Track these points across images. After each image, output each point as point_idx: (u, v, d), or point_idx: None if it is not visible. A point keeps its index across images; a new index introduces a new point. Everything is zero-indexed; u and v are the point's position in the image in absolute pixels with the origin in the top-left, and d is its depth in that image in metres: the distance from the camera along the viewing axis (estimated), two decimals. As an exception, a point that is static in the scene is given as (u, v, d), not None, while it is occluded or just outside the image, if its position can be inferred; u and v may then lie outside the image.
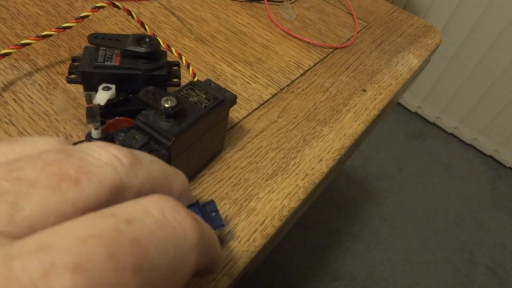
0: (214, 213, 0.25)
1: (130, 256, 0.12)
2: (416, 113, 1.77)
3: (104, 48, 0.31)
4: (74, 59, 0.33)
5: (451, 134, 1.71)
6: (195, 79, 0.39)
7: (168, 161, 0.27)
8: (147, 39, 0.31)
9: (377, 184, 1.50)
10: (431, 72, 1.59)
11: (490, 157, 1.65)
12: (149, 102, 0.26)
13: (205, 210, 0.25)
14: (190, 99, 0.29)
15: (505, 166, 1.63)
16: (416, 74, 0.51)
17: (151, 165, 0.17)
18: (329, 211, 1.39)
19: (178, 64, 0.35)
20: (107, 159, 0.15)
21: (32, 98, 0.35)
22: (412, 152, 1.64)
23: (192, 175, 0.33)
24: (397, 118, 1.75)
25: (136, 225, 0.13)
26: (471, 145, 1.68)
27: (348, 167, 1.54)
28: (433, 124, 1.74)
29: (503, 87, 1.46)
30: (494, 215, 1.48)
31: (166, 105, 0.26)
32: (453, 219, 1.45)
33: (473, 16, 1.39)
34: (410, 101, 1.74)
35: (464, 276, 1.30)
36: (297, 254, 1.26)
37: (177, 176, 0.19)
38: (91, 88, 0.31)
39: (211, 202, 0.25)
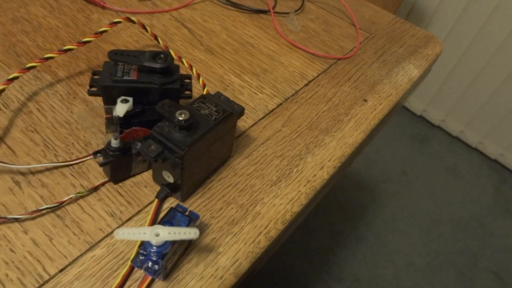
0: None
1: None
2: (421, 116, 1.78)
3: (123, 64, 0.34)
4: (94, 73, 0.35)
5: (456, 138, 1.71)
6: (205, 89, 0.42)
7: (181, 169, 0.29)
8: (162, 55, 0.34)
9: (381, 187, 1.52)
10: (437, 75, 1.60)
11: (495, 161, 1.65)
12: (164, 115, 0.29)
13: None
14: (201, 112, 0.31)
15: (510, 170, 1.63)
16: (416, 84, 0.53)
17: None
18: (333, 213, 1.41)
19: (189, 77, 0.38)
20: None
21: (54, 108, 0.38)
22: (417, 155, 1.65)
23: (202, 181, 0.35)
24: (402, 121, 1.77)
25: None
26: (476, 149, 1.68)
27: (352, 170, 1.55)
28: (438, 127, 1.75)
29: (509, 91, 1.46)
30: (498, 219, 1.48)
31: (180, 118, 0.29)
32: (457, 223, 1.46)
33: (479, 20, 1.40)
34: (415, 104, 1.75)
35: (467, 279, 1.31)
36: (300, 255, 1.28)
37: None
38: (110, 99, 0.34)
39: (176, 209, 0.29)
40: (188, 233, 0.26)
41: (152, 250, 0.26)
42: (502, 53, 1.42)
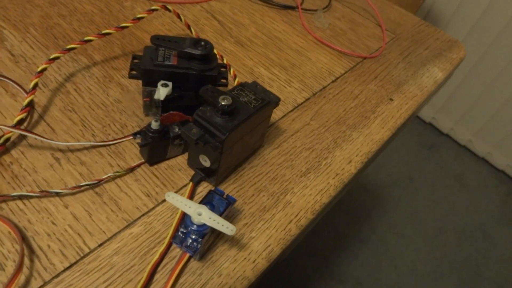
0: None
1: None
2: (430, 124, 1.78)
3: (163, 49, 0.35)
4: (134, 57, 0.36)
5: (464, 147, 1.71)
6: (236, 80, 0.43)
7: (220, 152, 0.30)
8: (202, 43, 0.34)
9: (387, 192, 1.52)
10: (448, 83, 1.60)
11: (503, 172, 1.65)
12: (208, 99, 0.30)
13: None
14: (241, 99, 0.32)
15: (516, 182, 1.63)
16: (439, 87, 0.54)
17: None
18: (338, 215, 1.41)
19: (225, 66, 0.38)
20: None
21: (90, 89, 0.39)
22: (424, 162, 1.65)
23: (234, 168, 0.36)
24: (411, 127, 1.77)
25: None
26: (483, 159, 1.68)
27: (359, 173, 1.56)
28: (447, 135, 1.75)
29: (520, 103, 1.47)
30: (503, 230, 1.48)
31: (223, 103, 0.29)
32: (462, 232, 1.46)
33: (494, 30, 1.40)
34: (424, 111, 1.75)
35: (469, 288, 1.31)
36: (303, 256, 1.28)
37: None
38: (149, 84, 0.34)
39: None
40: (226, 227, 0.26)
41: (193, 229, 0.27)
42: (516, 64, 1.42)
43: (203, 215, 0.26)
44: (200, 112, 0.30)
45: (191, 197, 0.33)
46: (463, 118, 1.67)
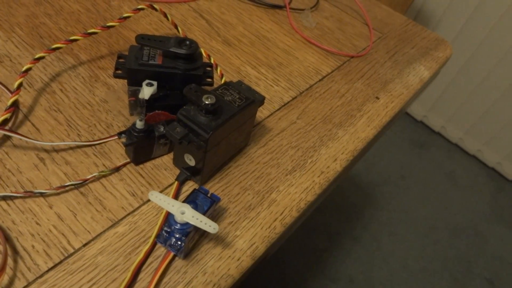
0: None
1: None
2: (421, 122, 1.80)
3: (148, 48, 0.35)
4: (120, 56, 0.36)
5: (455, 145, 1.73)
6: (223, 79, 0.43)
7: (204, 151, 0.30)
8: (187, 42, 0.34)
9: (379, 190, 1.53)
10: (439, 82, 1.61)
11: (493, 169, 1.67)
12: (191, 98, 0.30)
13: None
14: (225, 98, 0.32)
15: (507, 179, 1.65)
16: (426, 85, 0.54)
17: None
18: (330, 214, 1.42)
19: (211, 66, 0.39)
20: None
21: (76, 89, 0.39)
22: (416, 160, 1.66)
23: (220, 167, 0.36)
24: (403, 126, 1.78)
25: None
26: (474, 157, 1.70)
27: (351, 172, 1.57)
28: (438, 133, 1.77)
29: (509, 101, 1.48)
30: (494, 227, 1.50)
31: (207, 102, 0.29)
32: (453, 229, 1.47)
33: (483, 29, 1.41)
34: (416, 110, 1.77)
35: (461, 285, 1.32)
36: (296, 255, 1.29)
37: None
38: (134, 83, 0.34)
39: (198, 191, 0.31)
40: (208, 225, 0.27)
41: (177, 228, 0.27)
42: (505, 63, 1.44)
43: (186, 214, 0.27)
44: (184, 111, 0.30)
45: (176, 196, 0.33)
46: (454, 116, 1.69)
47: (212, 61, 0.43)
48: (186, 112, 0.30)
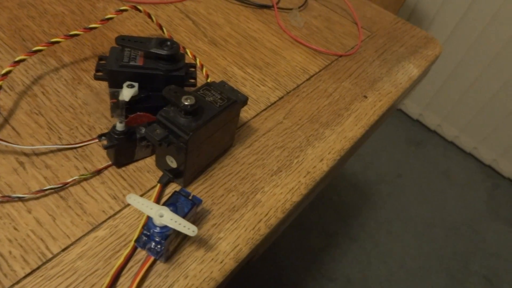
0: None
1: None
2: (417, 121, 1.80)
3: (129, 49, 0.34)
4: (101, 58, 0.36)
5: (451, 143, 1.73)
6: (209, 80, 0.42)
7: (185, 153, 0.30)
8: (168, 43, 0.34)
9: (376, 189, 1.53)
10: (434, 80, 1.61)
11: (489, 166, 1.67)
12: (170, 99, 0.29)
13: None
14: (206, 99, 0.32)
15: (503, 176, 1.65)
16: (415, 83, 0.54)
17: None
18: (327, 213, 1.41)
19: (194, 66, 0.38)
20: None
21: (58, 92, 0.38)
22: (412, 158, 1.66)
23: (204, 168, 0.36)
24: (399, 124, 1.78)
25: None
26: (470, 154, 1.70)
27: (347, 171, 1.56)
28: (434, 132, 1.77)
29: (505, 98, 1.48)
30: (490, 224, 1.50)
31: (186, 103, 0.29)
32: (450, 227, 1.47)
33: (477, 27, 1.41)
34: (412, 108, 1.77)
35: (458, 283, 1.32)
36: (294, 254, 1.29)
37: None
38: (115, 85, 0.34)
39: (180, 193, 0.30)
40: (187, 228, 0.26)
41: (156, 231, 0.27)
42: (500, 60, 1.44)
43: (165, 217, 0.26)
44: (163, 113, 0.30)
45: (158, 198, 0.32)
46: (450, 115, 1.69)
47: (198, 62, 0.43)
48: (165, 114, 0.30)
